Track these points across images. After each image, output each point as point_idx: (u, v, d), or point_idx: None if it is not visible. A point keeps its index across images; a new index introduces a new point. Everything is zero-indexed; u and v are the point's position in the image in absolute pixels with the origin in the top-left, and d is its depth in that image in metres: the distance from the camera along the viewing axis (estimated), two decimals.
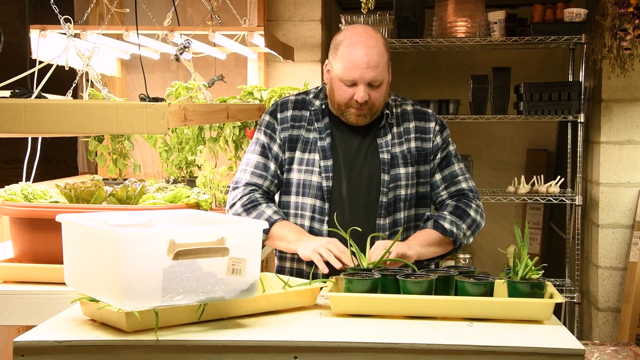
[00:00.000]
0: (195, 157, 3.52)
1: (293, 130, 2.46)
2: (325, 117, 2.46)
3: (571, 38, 4.22)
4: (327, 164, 2.41)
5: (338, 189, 2.41)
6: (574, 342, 1.69)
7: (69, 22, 2.30)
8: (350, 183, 2.41)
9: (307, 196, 2.42)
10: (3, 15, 4.18)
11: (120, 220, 1.99)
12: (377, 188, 2.40)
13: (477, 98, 4.50)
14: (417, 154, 2.44)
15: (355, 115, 2.38)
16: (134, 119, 1.80)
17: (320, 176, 2.41)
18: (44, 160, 3.24)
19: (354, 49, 2.34)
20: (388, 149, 2.42)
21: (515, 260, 1.97)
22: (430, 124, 2.48)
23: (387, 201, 2.39)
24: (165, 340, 1.70)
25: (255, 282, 1.82)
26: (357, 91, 2.34)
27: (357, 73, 2.32)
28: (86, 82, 2.68)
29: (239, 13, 3.95)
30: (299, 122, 2.47)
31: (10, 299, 2.30)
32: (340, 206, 2.40)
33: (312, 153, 2.43)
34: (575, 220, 4.39)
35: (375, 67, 2.33)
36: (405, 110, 2.50)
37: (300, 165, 2.44)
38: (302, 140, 2.45)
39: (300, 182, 2.43)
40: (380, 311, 1.90)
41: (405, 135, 2.46)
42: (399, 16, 4.32)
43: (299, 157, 2.44)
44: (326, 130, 2.44)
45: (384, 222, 2.39)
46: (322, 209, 2.40)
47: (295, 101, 2.51)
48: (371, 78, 2.33)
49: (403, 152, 2.43)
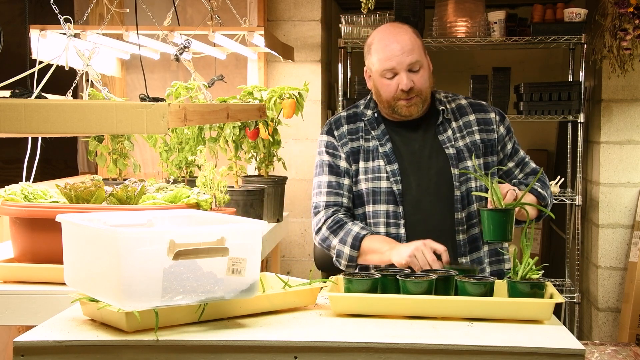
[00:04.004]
0: (195, 157, 3.51)
1: (353, 142, 2.48)
2: (380, 124, 2.48)
3: (571, 38, 4.22)
4: (394, 167, 2.42)
5: (409, 190, 2.41)
6: (574, 342, 1.69)
7: (69, 22, 2.30)
8: (420, 183, 2.41)
9: (380, 203, 2.42)
10: (3, 15, 4.18)
11: (120, 220, 1.99)
12: (448, 183, 2.41)
13: (477, 98, 4.39)
14: (484, 145, 2.47)
15: (406, 106, 2.39)
16: (134, 119, 1.80)
17: (388, 181, 2.41)
18: (44, 160, 3.24)
19: (386, 41, 2.39)
20: (452, 144, 2.44)
21: (515, 260, 1.97)
22: (490, 114, 2.52)
23: (461, 194, 2.40)
24: (165, 340, 1.70)
25: (255, 282, 1.82)
26: (399, 80, 2.36)
27: (394, 61, 2.36)
28: (86, 82, 2.67)
29: (239, 13, 3.94)
30: (356, 134, 2.49)
31: (10, 299, 2.30)
32: (414, 207, 2.40)
33: (376, 160, 2.44)
34: (575, 220, 4.39)
35: (410, 51, 2.36)
36: (460, 105, 2.53)
37: (367, 175, 2.44)
38: (363, 151, 2.47)
39: (369, 191, 2.43)
40: (380, 311, 1.90)
41: (467, 128, 2.48)
42: (399, 16, 4.31)
43: (364, 166, 2.46)
44: (385, 136, 2.46)
45: (461, 216, 2.40)
46: (396, 213, 2.40)
47: (348, 116, 2.54)
48: (409, 62, 2.36)
49: (467, 145, 2.45)
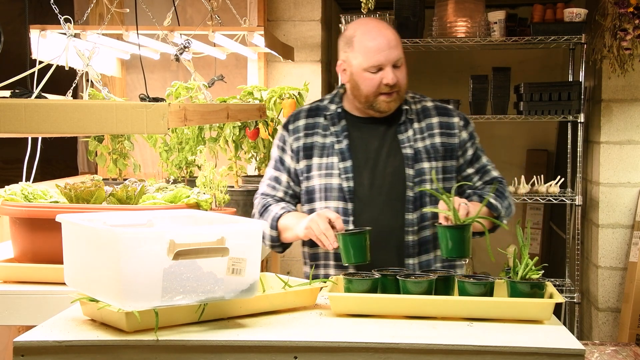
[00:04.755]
0: (195, 157, 3.51)
1: (307, 138, 2.48)
2: (341, 120, 2.47)
3: (571, 38, 4.22)
4: (346, 165, 2.41)
5: (360, 188, 2.40)
6: (574, 342, 1.69)
7: (69, 22, 2.30)
8: (373, 181, 2.41)
9: (330, 199, 2.42)
10: (3, 15, 4.17)
11: (120, 220, 1.99)
12: (402, 183, 2.40)
13: (477, 98, 4.50)
14: (443, 149, 2.45)
15: (386, 101, 2.39)
16: (134, 119, 1.80)
17: (340, 178, 2.41)
18: (44, 160, 3.24)
19: (371, 35, 2.36)
20: (411, 144, 2.43)
21: (515, 260, 1.97)
22: (454, 119, 2.49)
23: (414, 196, 2.39)
24: (165, 340, 1.70)
25: (255, 282, 1.82)
26: (384, 75, 2.35)
27: (382, 56, 2.34)
28: (86, 82, 2.68)
29: (239, 13, 3.95)
30: (313, 129, 2.49)
31: (10, 299, 2.30)
32: (365, 205, 2.40)
33: (330, 157, 2.44)
34: (575, 220, 4.39)
35: (396, 46, 2.36)
36: (425, 107, 2.50)
37: (320, 170, 2.44)
38: (317, 147, 2.46)
39: (321, 187, 2.44)
40: (380, 311, 1.90)
41: (429, 130, 2.46)
42: (399, 16, 4.32)
43: (318, 162, 2.45)
44: (343, 132, 2.45)
45: (412, 217, 2.39)
46: (345, 210, 2.39)
47: (309, 109, 2.54)
48: (396, 57, 2.36)
49: (426, 147, 2.43)
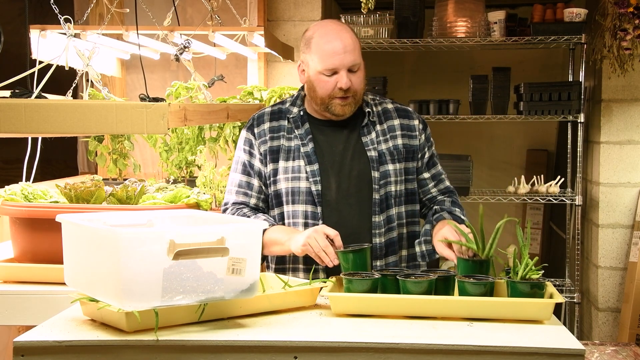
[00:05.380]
0: (195, 157, 3.51)
1: (273, 141, 2.46)
2: (305, 123, 2.46)
3: (571, 38, 4.22)
4: (314, 168, 2.40)
5: (328, 191, 2.40)
6: (574, 342, 1.69)
7: (69, 22, 2.30)
8: (340, 184, 2.40)
9: (298, 203, 2.40)
10: (3, 15, 4.18)
11: (120, 220, 1.99)
12: (368, 186, 2.40)
13: (477, 98, 4.50)
14: (405, 150, 2.46)
15: (341, 105, 2.37)
16: (134, 119, 1.80)
17: (308, 181, 2.39)
18: (44, 160, 3.24)
19: (328, 38, 2.35)
20: (374, 147, 2.43)
21: (515, 260, 1.97)
22: (414, 121, 2.50)
23: (380, 198, 2.40)
24: (165, 340, 1.70)
25: (255, 282, 1.82)
26: (339, 79, 2.34)
27: (337, 60, 2.33)
28: (86, 82, 2.68)
29: (239, 13, 3.95)
30: (278, 132, 2.46)
31: (10, 299, 2.30)
32: (333, 208, 2.39)
33: (297, 160, 2.42)
34: (575, 220, 4.39)
35: (352, 51, 2.35)
36: (386, 109, 2.51)
37: (287, 174, 2.42)
38: (283, 150, 2.44)
39: (289, 191, 2.42)
40: (380, 311, 1.90)
41: (390, 132, 2.47)
42: (399, 16, 4.32)
43: (284, 166, 2.43)
44: (307, 135, 2.43)
45: (379, 220, 2.39)
46: (314, 214, 2.38)
47: (272, 112, 2.51)
48: (350, 61, 2.34)
49: (389, 149, 2.44)
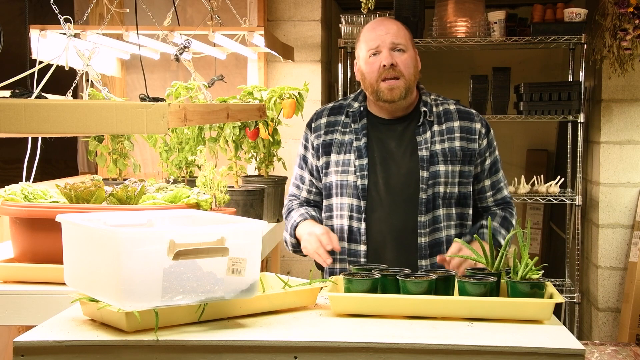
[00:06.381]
0: (195, 157, 3.51)
1: (327, 135, 2.51)
2: (363, 118, 2.49)
3: (571, 38, 4.22)
4: (362, 162, 2.43)
5: (375, 187, 2.42)
6: (574, 342, 1.69)
7: (69, 22, 2.30)
8: (388, 180, 2.42)
9: (345, 196, 2.44)
10: (3, 15, 4.18)
11: (120, 220, 1.99)
12: (415, 185, 2.40)
13: (477, 98, 4.50)
14: (462, 153, 2.44)
15: (388, 89, 2.40)
16: (134, 119, 1.80)
17: (355, 175, 2.43)
18: (44, 160, 3.24)
19: (373, 26, 2.48)
20: (427, 147, 2.43)
21: (515, 260, 1.97)
22: (476, 124, 2.48)
23: (427, 198, 2.39)
24: (165, 340, 1.70)
25: (255, 282, 1.82)
26: (382, 57, 2.40)
27: (378, 39, 2.41)
28: (86, 82, 2.67)
29: (239, 13, 3.94)
30: (334, 126, 2.52)
31: (10, 299, 2.30)
32: (378, 203, 2.41)
33: (348, 154, 2.46)
34: (575, 220, 4.39)
35: (395, 34, 2.42)
36: (447, 110, 2.50)
37: (337, 167, 2.47)
38: (336, 143, 2.49)
39: (338, 183, 2.46)
40: (380, 311, 1.90)
41: (449, 134, 2.45)
42: (399, 16, 4.32)
43: (335, 159, 2.48)
44: (363, 130, 2.47)
45: (424, 219, 2.39)
46: (359, 207, 2.41)
47: (332, 107, 2.57)
48: (391, 40, 2.41)
49: (444, 150, 2.43)
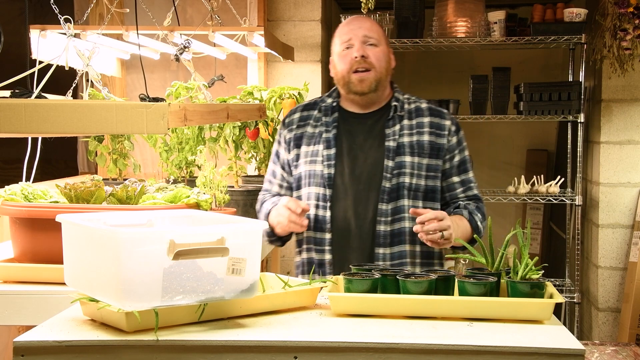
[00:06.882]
0: (195, 157, 3.51)
1: (298, 129, 2.57)
2: (334, 112, 2.55)
3: (571, 38, 4.22)
4: (330, 152, 2.48)
5: (340, 175, 2.47)
6: (574, 342, 1.69)
7: (69, 22, 2.30)
8: (353, 170, 2.46)
9: (312, 185, 2.50)
10: (3, 15, 4.18)
11: (120, 220, 1.99)
12: (380, 174, 2.44)
13: (477, 98, 4.50)
14: (430, 147, 2.48)
15: (358, 79, 2.45)
16: (134, 119, 1.80)
17: (322, 164, 2.48)
18: (44, 160, 3.24)
19: (346, 22, 2.54)
20: (395, 138, 2.47)
21: (515, 260, 1.97)
22: (446, 122, 2.53)
23: (390, 187, 2.43)
24: (165, 340, 1.70)
25: (255, 282, 1.82)
26: (354, 49, 2.45)
27: (351, 33, 2.48)
28: (86, 82, 2.68)
29: (239, 13, 3.94)
30: (306, 121, 2.58)
31: (10, 299, 2.30)
32: (342, 192, 2.46)
33: (317, 145, 2.52)
34: (575, 220, 4.39)
35: (367, 28, 2.48)
36: (419, 107, 2.55)
37: (306, 158, 2.53)
38: (307, 136, 2.55)
39: (306, 174, 2.52)
40: (380, 311, 1.90)
41: (418, 128, 2.50)
42: (399, 16, 4.32)
43: (305, 150, 2.54)
44: (333, 123, 2.53)
45: (385, 208, 2.42)
46: (324, 196, 2.46)
47: (306, 104, 2.64)
48: (364, 33, 2.46)
49: (411, 143, 2.47)
